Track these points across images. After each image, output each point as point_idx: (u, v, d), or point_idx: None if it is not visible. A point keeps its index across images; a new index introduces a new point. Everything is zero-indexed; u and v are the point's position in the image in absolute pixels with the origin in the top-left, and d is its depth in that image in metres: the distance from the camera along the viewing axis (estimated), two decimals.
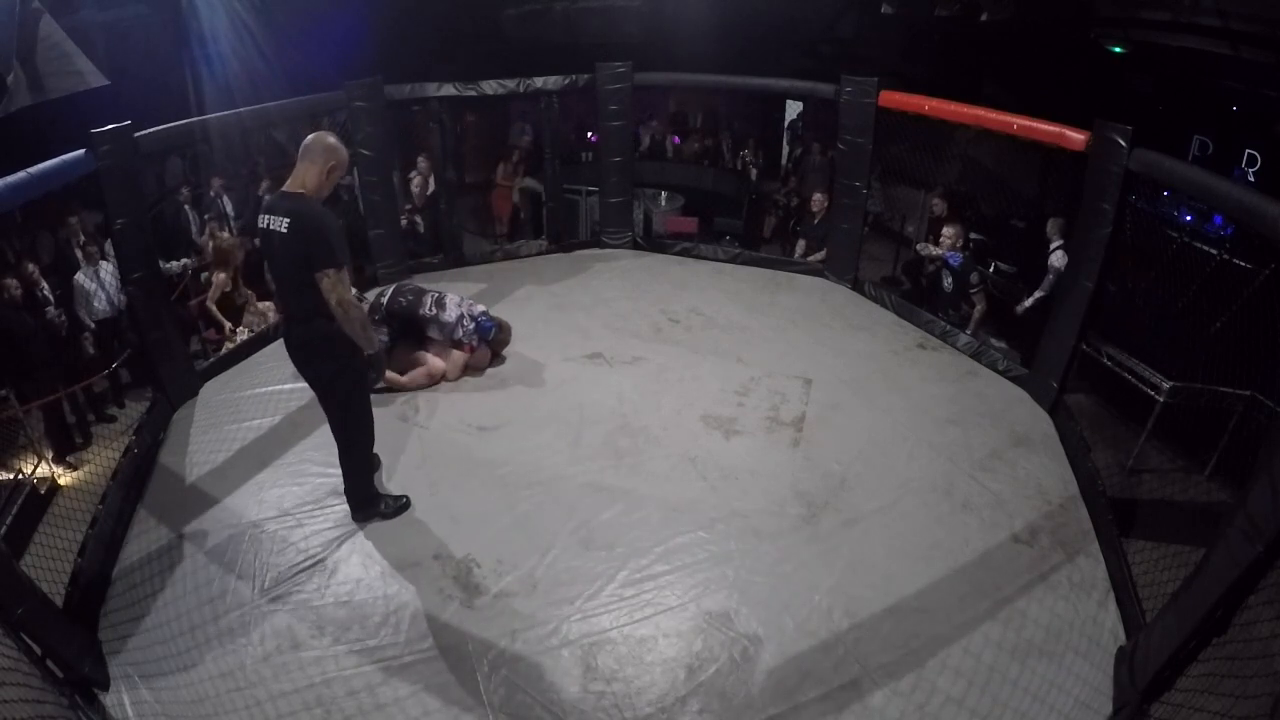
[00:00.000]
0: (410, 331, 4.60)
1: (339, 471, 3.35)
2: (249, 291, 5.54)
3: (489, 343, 4.67)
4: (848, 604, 3.03)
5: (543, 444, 4.01)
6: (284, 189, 2.88)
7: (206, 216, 6.33)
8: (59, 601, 2.83)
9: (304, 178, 2.85)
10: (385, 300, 4.58)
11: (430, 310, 4.51)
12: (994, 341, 5.07)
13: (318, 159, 2.84)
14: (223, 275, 5.58)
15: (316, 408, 4.26)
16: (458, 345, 4.56)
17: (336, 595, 3.06)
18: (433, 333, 4.57)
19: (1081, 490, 3.74)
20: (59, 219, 5.34)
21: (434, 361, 4.55)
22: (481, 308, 4.70)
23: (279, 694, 2.65)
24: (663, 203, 8.02)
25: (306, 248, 2.77)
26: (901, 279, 6.45)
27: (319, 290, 2.80)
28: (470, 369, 4.65)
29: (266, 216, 2.86)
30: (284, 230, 2.79)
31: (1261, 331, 3.62)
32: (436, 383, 4.56)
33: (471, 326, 4.54)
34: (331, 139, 2.90)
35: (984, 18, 6.99)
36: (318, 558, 3.24)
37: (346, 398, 3.18)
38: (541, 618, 2.95)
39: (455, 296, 4.66)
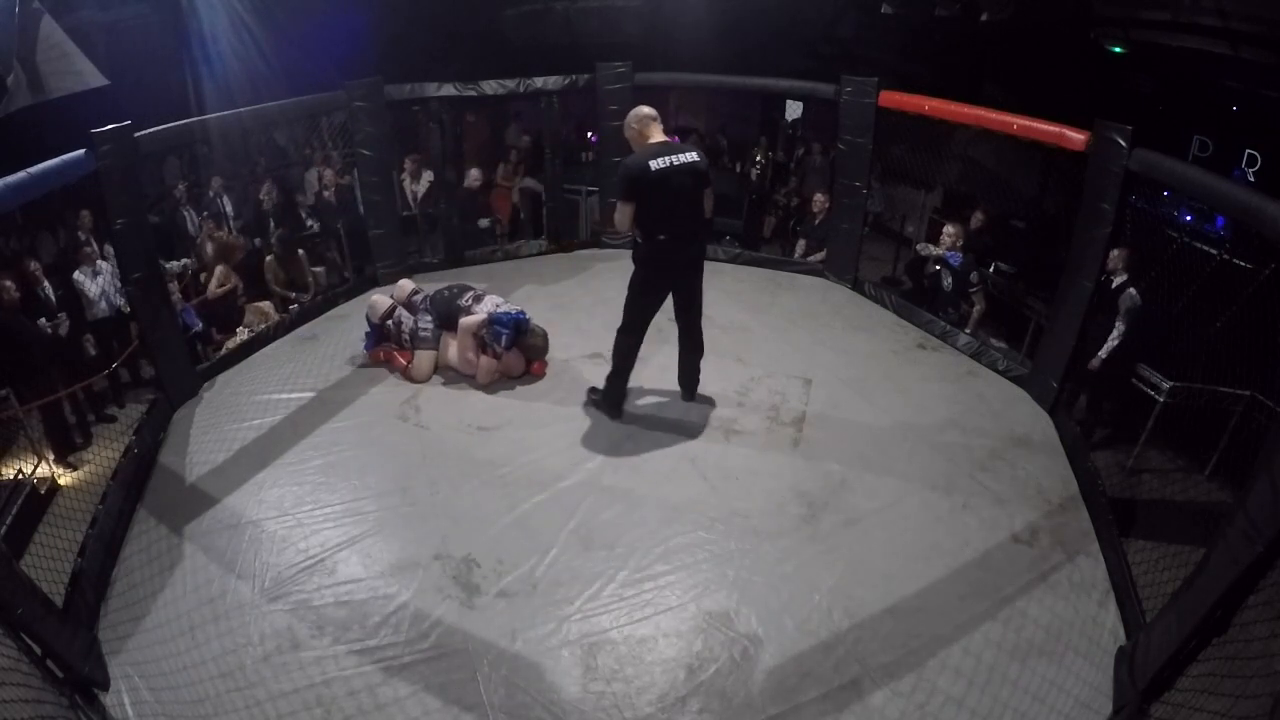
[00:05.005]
0: (450, 324, 4.65)
1: (336, 472, 3.33)
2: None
3: (525, 347, 4.56)
4: (848, 604, 3.03)
5: (543, 444, 4.01)
6: (664, 140, 3.72)
7: (205, 214, 6.33)
8: (59, 601, 2.83)
9: (664, 130, 3.79)
10: (431, 292, 4.74)
11: (466, 302, 4.60)
12: (994, 341, 5.07)
13: (658, 117, 3.78)
14: (221, 269, 5.59)
15: (316, 408, 4.31)
16: (483, 348, 4.54)
17: (336, 595, 3.06)
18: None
19: (1081, 490, 3.74)
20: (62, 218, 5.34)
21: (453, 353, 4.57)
22: (508, 309, 4.57)
23: (279, 694, 2.65)
24: None
25: (709, 174, 3.74)
26: (902, 279, 6.45)
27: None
28: (501, 375, 4.57)
29: (673, 157, 3.59)
30: (697, 158, 3.65)
31: (1261, 331, 3.62)
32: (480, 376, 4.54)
33: (497, 330, 4.45)
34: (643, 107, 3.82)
35: (984, 18, 6.98)
36: (318, 558, 3.24)
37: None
38: (541, 618, 2.95)
39: (496, 298, 4.68)
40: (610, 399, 4.18)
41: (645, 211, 3.65)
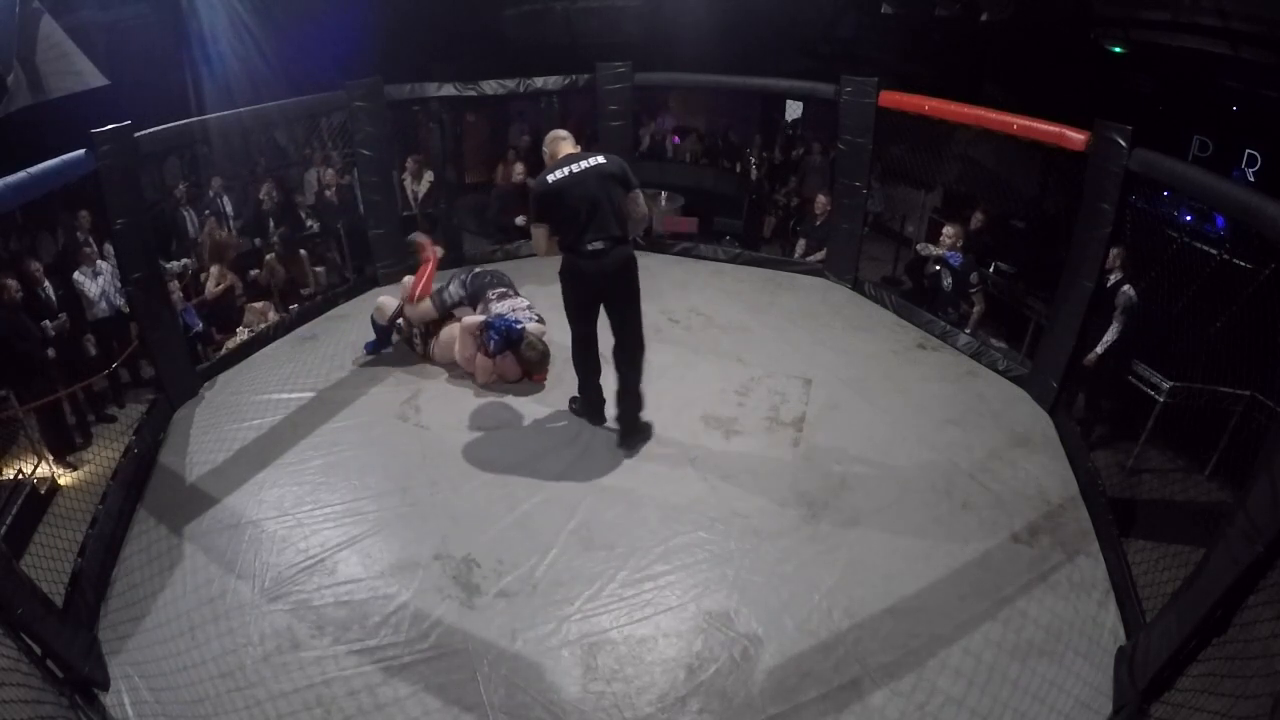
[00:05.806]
0: (472, 304, 4.72)
1: (336, 472, 3.33)
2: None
3: (520, 357, 4.50)
4: (848, 604, 3.03)
5: (543, 444, 4.01)
6: (574, 152, 3.65)
7: (206, 213, 6.33)
8: (59, 601, 2.83)
9: (575, 144, 3.75)
10: (476, 269, 4.85)
11: (491, 295, 4.66)
12: (994, 341, 5.07)
13: (569, 135, 3.79)
14: (217, 268, 5.60)
15: (316, 408, 4.31)
16: (480, 346, 4.52)
17: (336, 595, 3.06)
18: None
19: (1081, 490, 3.74)
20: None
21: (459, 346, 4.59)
22: (516, 316, 4.53)
23: (279, 694, 2.65)
24: (663, 203, 8.02)
25: (625, 174, 3.61)
26: (902, 279, 6.45)
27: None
28: (498, 377, 4.55)
29: (572, 166, 3.52)
30: (604, 161, 3.56)
31: (1261, 331, 3.62)
32: (482, 375, 4.54)
33: (490, 334, 4.43)
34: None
35: (984, 18, 6.99)
36: (318, 558, 3.24)
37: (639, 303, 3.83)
38: (541, 618, 2.95)
39: (519, 301, 4.69)
40: (587, 407, 4.16)
41: (555, 226, 3.58)
